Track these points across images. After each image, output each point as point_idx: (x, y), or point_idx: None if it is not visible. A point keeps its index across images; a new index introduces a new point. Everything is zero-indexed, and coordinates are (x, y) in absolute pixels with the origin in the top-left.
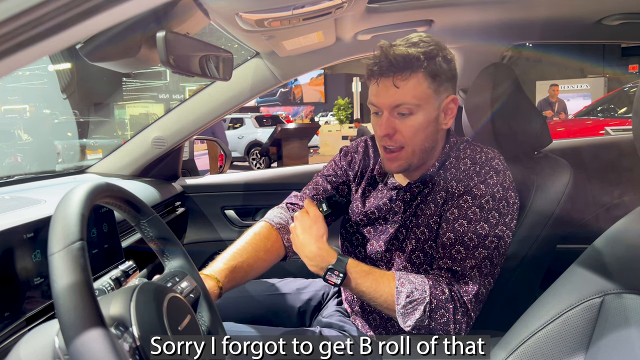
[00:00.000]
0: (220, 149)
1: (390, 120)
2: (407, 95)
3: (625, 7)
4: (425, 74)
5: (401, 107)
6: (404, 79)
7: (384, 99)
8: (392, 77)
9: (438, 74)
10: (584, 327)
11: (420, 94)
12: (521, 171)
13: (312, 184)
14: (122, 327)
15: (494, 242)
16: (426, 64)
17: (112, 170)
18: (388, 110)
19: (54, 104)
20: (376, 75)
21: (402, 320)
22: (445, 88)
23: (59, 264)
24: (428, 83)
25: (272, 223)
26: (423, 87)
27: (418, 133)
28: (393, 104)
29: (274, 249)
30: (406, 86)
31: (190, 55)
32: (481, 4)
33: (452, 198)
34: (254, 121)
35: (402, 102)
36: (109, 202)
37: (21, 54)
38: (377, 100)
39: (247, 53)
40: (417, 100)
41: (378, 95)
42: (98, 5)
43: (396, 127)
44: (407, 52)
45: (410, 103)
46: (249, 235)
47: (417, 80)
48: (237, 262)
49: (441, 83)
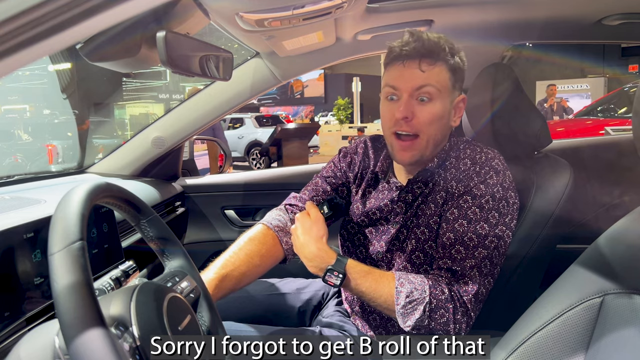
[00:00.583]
0: (220, 149)
1: (410, 103)
2: (432, 79)
3: (625, 7)
4: (448, 67)
5: (423, 89)
6: (431, 64)
7: (408, 81)
8: (419, 61)
9: (456, 71)
10: (584, 327)
11: (442, 83)
12: (521, 171)
13: (311, 185)
14: (122, 327)
15: (493, 242)
16: (450, 57)
17: (112, 170)
18: (409, 93)
19: (54, 104)
20: (403, 57)
21: (402, 320)
22: (459, 86)
23: (59, 264)
24: (449, 75)
25: (269, 226)
26: (445, 78)
27: (434, 122)
28: (416, 85)
29: (270, 253)
30: (432, 71)
31: (190, 55)
32: (481, 4)
33: (452, 198)
34: (254, 121)
35: (427, 83)
36: (109, 202)
37: (21, 54)
38: (399, 83)
39: (247, 53)
40: (440, 86)
41: (402, 77)
42: (98, 5)
43: (414, 112)
44: (438, 39)
45: (434, 86)
46: (243, 241)
47: (440, 69)
48: (228, 271)
49: (457, 80)
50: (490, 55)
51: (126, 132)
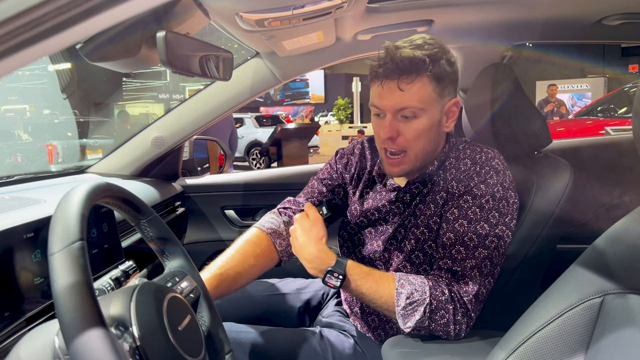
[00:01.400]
0: (220, 149)
1: (393, 123)
2: (412, 99)
3: (625, 7)
4: (430, 78)
5: (405, 110)
6: (409, 82)
7: (388, 102)
8: (397, 80)
9: (442, 78)
10: (584, 327)
11: (425, 98)
12: (521, 171)
13: (307, 187)
14: (122, 327)
15: (494, 242)
16: (431, 67)
17: (112, 170)
18: (392, 113)
19: (54, 104)
20: (380, 78)
21: (402, 321)
22: (448, 91)
23: (59, 264)
24: (433, 86)
25: (262, 228)
26: (428, 91)
27: (421, 137)
28: (397, 106)
29: (265, 254)
30: (411, 89)
31: (190, 55)
32: (481, 4)
33: (452, 198)
34: (254, 121)
35: (407, 105)
36: (109, 202)
37: (21, 54)
38: (380, 103)
39: (247, 53)
40: (422, 104)
41: (382, 98)
42: (98, 5)
43: (399, 130)
44: (413, 54)
45: (415, 107)
46: (239, 243)
47: (422, 84)
48: (223, 270)
49: (445, 86)
50: (490, 55)
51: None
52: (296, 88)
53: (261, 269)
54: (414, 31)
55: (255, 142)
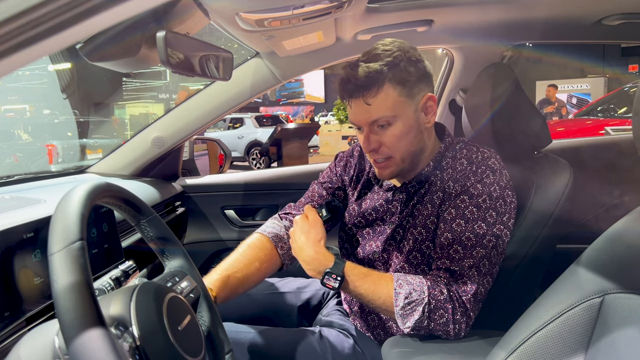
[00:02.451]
0: (220, 149)
1: (371, 136)
2: (380, 110)
3: (625, 7)
4: (392, 84)
5: (378, 121)
6: (373, 95)
7: (360, 117)
8: (361, 97)
9: (406, 79)
10: (584, 327)
11: (393, 105)
12: (521, 171)
13: (308, 192)
14: (122, 327)
15: (492, 241)
16: (390, 75)
17: (112, 170)
18: (367, 126)
19: (54, 104)
20: (346, 97)
21: (401, 321)
22: (418, 89)
23: (59, 264)
24: (398, 91)
25: (265, 234)
26: (394, 97)
27: (401, 140)
28: (369, 120)
29: (268, 258)
30: (376, 101)
31: (190, 55)
32: (481, 4)
33: (449, 198)
34: (254, 121)
35: (378, 117)
36: (109, 202)
37: (21, 54)
38: (354, 119)
39: (247, 53)
40: (391, 112)
41: (354, 115)
42: (98, 5)
43: (379, 140)
44: (367, 69)
45: (386, 116)
46: (242, 248)
47: (385, 94)
48: (230, 272)
49: (412, 87)
50: (490, 55)
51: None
52: (291, 88)
53: (265, 273)
54: (414, 31)
55: (255, 142)
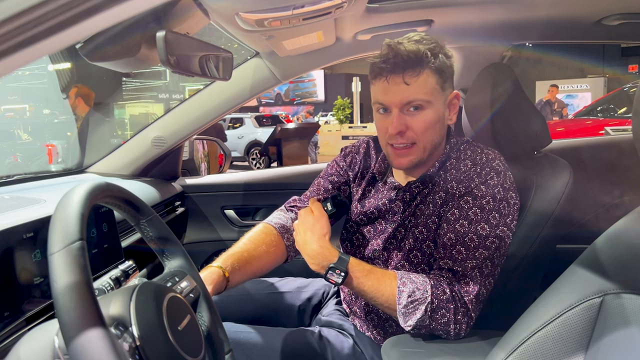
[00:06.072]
0: (220, 149)
1: (401, 117)
2: (418, 92)
3: (625, 7)
4: (432, 70)
5: (412, 103)
6: (415, 75)
7: (395, 97)
8: (402, 74)
9: (443, 70)
10: (584, 327)
11: (430, 90)
12: (521, 171)
13: (313, 185)
14: (122, 327)
15: (494, 242)
16: (433, 60)
17: (112, 170)
18: (398, 108)
19: (54, 104)
20: (385, 73)
21: (403, 319)
22: (449, 84)
23: (58, 264)
24: (436, 79)
25: (271, 224)
26: (432, 83)
27: (429, 129)
28: (404, 100)
29: (275, 244)
30: (416, 82)
31: (190, 55)
32: (481, 4)
33: (452, 199)
34: (254, 121)
35: (414, 98)
36: (108, 202)
37: (21, 54)
38: (385, 99)
39: (247, 53)
40: (427, 96)
41: (388, 93)
42: (98, 5)
43: (408, 124)
44: (417, 47)
45: (421, 99)
46: (250, 234)
47: (426, 76)
48: (240, 254)
49: (446, 79)
50: (490, 55)
51: (126, 132)
52: (305, 88)
53: (272, 259)
54: (414, 31)
55: (255, 142)
